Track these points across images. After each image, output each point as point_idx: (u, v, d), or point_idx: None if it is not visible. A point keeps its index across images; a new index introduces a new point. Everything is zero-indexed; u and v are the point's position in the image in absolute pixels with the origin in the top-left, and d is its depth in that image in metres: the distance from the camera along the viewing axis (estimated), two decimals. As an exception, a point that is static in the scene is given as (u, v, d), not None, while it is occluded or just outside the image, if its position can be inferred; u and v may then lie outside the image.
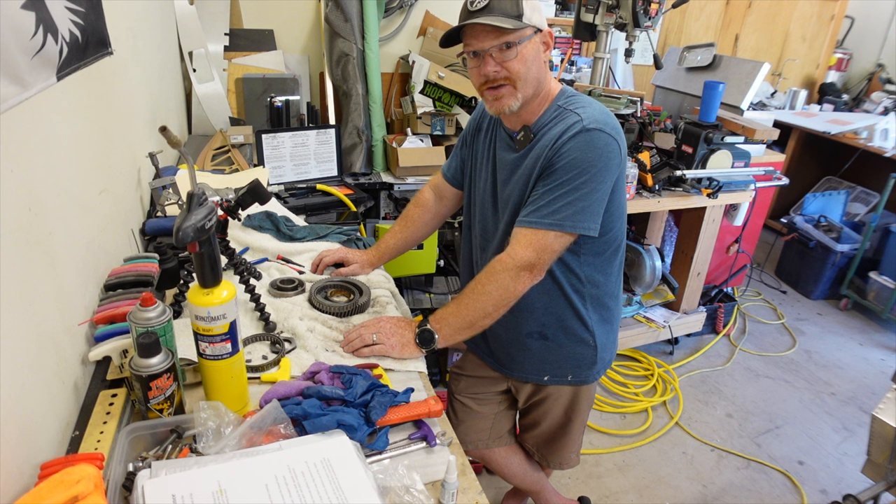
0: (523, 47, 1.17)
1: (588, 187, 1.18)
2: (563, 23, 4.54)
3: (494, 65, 1.18)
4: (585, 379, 1.46)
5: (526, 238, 1.21)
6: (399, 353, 1.22)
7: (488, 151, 1.39)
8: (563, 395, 1.50)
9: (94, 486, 0.73)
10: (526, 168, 1.26)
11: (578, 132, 1.17)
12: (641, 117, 2.73)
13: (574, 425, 1.57)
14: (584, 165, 1.17)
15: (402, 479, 0.88)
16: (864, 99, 4.76)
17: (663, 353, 3.11)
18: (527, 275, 1.22)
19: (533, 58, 1.19)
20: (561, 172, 1.19)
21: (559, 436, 1.60)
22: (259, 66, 2.78)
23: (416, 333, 1.23)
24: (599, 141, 1.17)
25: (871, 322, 3.58)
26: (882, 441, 1.81)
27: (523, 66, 1.18)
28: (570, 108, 1.23)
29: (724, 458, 2.48)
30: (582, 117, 1.19)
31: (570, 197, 1.18)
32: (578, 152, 1.17)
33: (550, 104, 1.27)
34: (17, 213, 0.82)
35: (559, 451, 1.64)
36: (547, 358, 1.43)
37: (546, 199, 1.20)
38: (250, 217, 1.68)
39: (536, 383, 1.49)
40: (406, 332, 1.24)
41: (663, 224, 3.19)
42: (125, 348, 1.02)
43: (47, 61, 0.93)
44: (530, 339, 1.41)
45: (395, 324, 1.25)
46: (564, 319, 1.38)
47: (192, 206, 0.90)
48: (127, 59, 1.55)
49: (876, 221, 3.42)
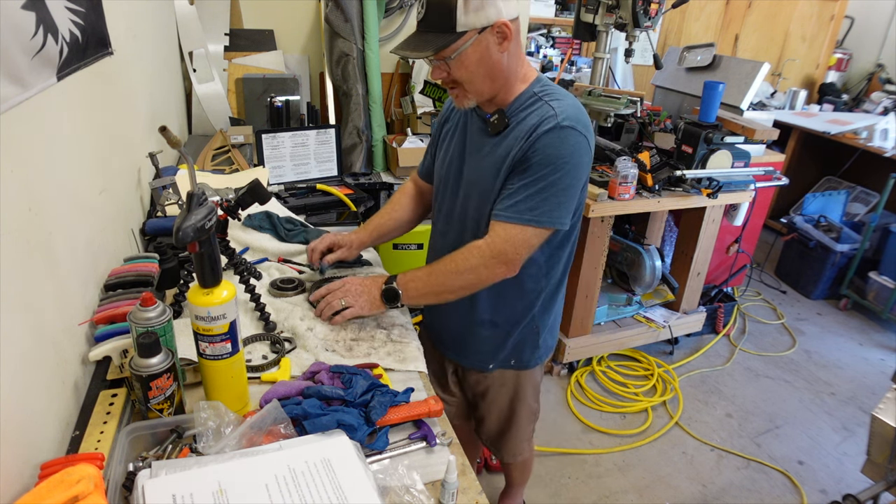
0: (463, 55, 1.16)
1: (563, 182, 1.21)
2: (563, 23, 4.55)
3: (440, 72, 1.21)
4: (528, 364, 1.51)
5: (505, 232, 1.23)
6: (368, 311, 1.30)
7: (458, 134, 1.41)
8: (506, 382, 1.54)
9: (95, 486, 0.73)
10: (498, 155, 1.27)
11: (552, 128, 1.19)
12: (641, 117, 2.73)
13: (521, 413, 1.61)
14: (559, 161, 1.20)
15: (402, 479, 0.88)
16: (863, 99, 4.77)
17: (663, 353, 3.11)
18: (502, 268, 1.25)
19: (479, 60, 1.18)
20: (537, 167, 1.21)
21: (507, 427, 1.64)
22: (259, 66, 2.78)
23: (382, 291, 1.29)
24: (572, 138, 1.20)
25: (871, 322, 3.58)
26: (882, 441, 1.81)
27: (466, 72, 1.19)
28: (545, 99, 1.24)
29: (723, 458, 2.48)
30: (556, 112, 1.20)
31: (547, 192, 1.21)
32: (552, 149, 1.19)
33: (526, 89, 1.27)
34: (17, 213, 0.82)
35: (510, 442, 1.68)
36: (494, 345, 1.47)
37: (523, 193, 1.22)
38: (251, 217, 1.68)
39: (481, 370, 1.53)
40: (373, 289, 1.30)
41: (663, 224, 3.19)
42: (125, 348, 1.02)
43: (47, 61, 0.93)
44: (482, 327, 1.45)
45: (360, 283, 1.31)
46: (515, 307, 1.42)
47: (192, 206, 0.90)
48: (127, 59, 1.55)
49: (876, 221, 3.43)
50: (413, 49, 1.18)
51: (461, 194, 1.38)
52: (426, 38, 1.17)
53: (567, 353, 2.78)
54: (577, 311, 2.70)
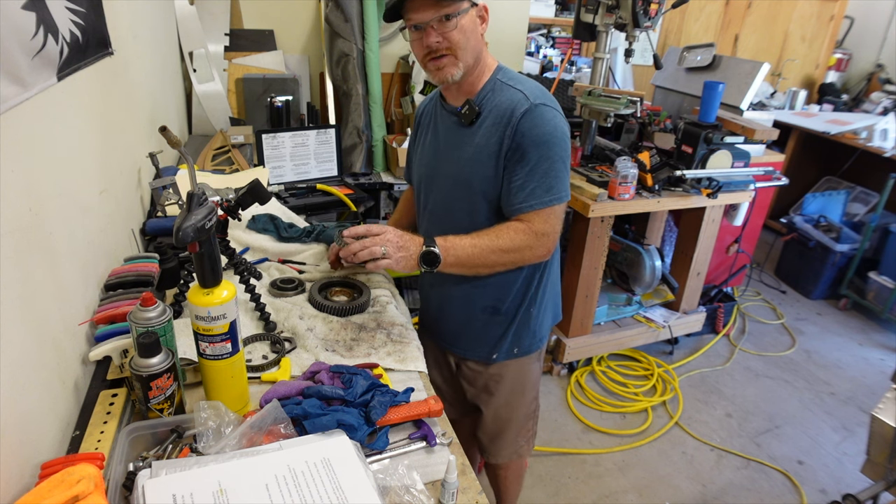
0: (461, 18, 1.23)
1: (559, 155, 1.29)
2: (563, 23, 4.55)
3: (436, 35, 1.24)
4: (528, 349, 1.53)
5: (539, 217, 1.29)
6: (402, 268, 1.28)
7: (429, 136, 1.45)
8: (505, 375, 1.55)
9: (95, 485, 0.73)
10: (482, 145, 1.31)
11: (528, 109, 1.26)
12: (641, 117, 2.73)
13: (519, 408, 1.62)
14: (549, 138, 1.27)
15: (402, 479, 0.88)
16: (863, 99, 4.77)
17: (663, 353, 3.11)
18: (544, 249, 1.32)
19: (471, 29, 1.25)
20: (532, 151, 1.27)
21: (505, 423, 1.64)
22: (259, 66, 2.78)
23: (422, 253, 1.27)
24: (548, 114, 1.27)
25: (871, 322, 3.58)
26: (881, 441, 1.81)
27: (463, 36, 1.24)
28: (510, 84, 1.31)
29: (723, 457, 2.48)
30: (526, 94, 1.27)
31: (553, 170, 1.28)
32: (538, 128, 1.26)
33: (490, 77, 1.34)
34: (17, 213, 0.82)
35: (507, 439, 1.67)
36: (497, 333, 1.49)
37: (534, 180, 1.28)
38: (254, 219, 1.68)
39: (484, 362, 1.54)
40: (412, 247, 1.27)
41: (663, 224, 3.19)
42: (125, 348, 1.02)
43: (48, 62, 0.93)
44: (483, 314, 1.47)
45: (400, 237, 1.27)
46: (515, 291, 1.44)
47: (192, 206, 0.90)
48: (127, 59, 1.55)
49: (875, 221, 3.43)
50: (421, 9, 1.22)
51: (444, 191, 1.42)
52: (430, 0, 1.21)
53: (567, 353, 2.78)
54: (577, 311, 2.70)
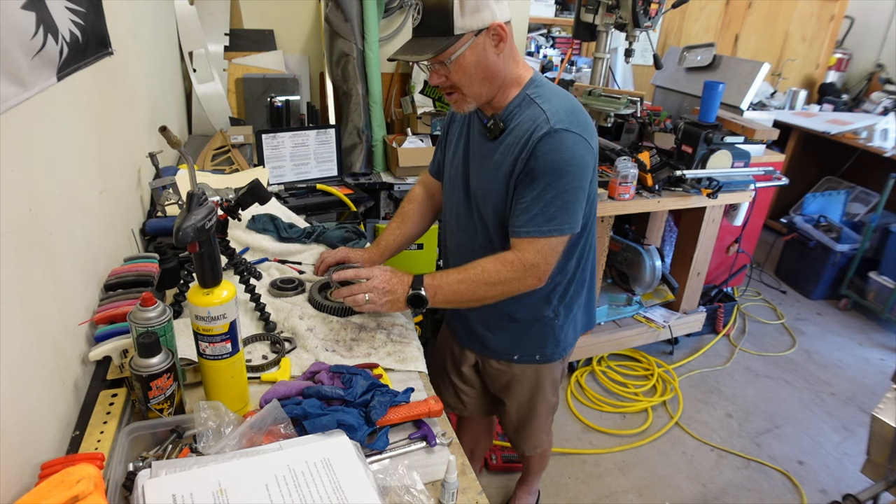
0: (461, 58, 1.17)
1: (571, 186, 1.22)
2: (563, 23, 4.55)
3: (438, 77, 1.22)
4: (551, 357, 1.53)
5: (532, 246, 1.25)
6: (387, 310, 1.29)
7: (462, 137, 1.42)
8: (527, 376, 1.56)
9: (95, 485, 0.73)
10: (499, 161, 1.29)
11: (546, 133, 1.19)
12: (641, 117, 2.73)
13: (540, 406, 1.64)
14: (562, 165, 1.20)
15: (402, 479, 0.88)
16: (863, 99, 4.77)
17: (663, 353, 3.11)
18: (534, 280, 1.28)
19: (476, 63, 1.19)
20: (542, 177, 1.21)
21: (527, 420, 1.67)
22: (259, 66, 2.78)
23: (408, 297, 1.26)
24: (568, 140, 1.19)
25: (871, 322, 3.58)
26: (882, 441, 1.81)
27: (464, 75, 1.20)
28: (536, 101, 1.24)
29: (723, 457, 2.48)
30: (548, 116, 1.20)
31: (560, 200, 1.22)
32: (552, 154, 1.19)
33: (519, 92, 1.28)
34: (17, 213, 0.82)
35: (531, 434, 1.71)
36: (513, 339, 1.50)
37: (538, 206, 1.23)
38: (254, 219, 1.68)
39: (506, 360, 1.54)
40: (399, 291, 1.26)
41: (663, 224, 3.19)
42: (125, 348, 1.02)
43: (48, 61, 0.93)
44: (500, 321, 1.48)
45: (387, 281, 1.27)
46: (532, 303, 1.43)
47: (192, 206, 0.90)
48: (127, 59, 1.55)
49: (876, 221, 3.43)
50: (412, 53, 1.18)
51: (471, 199, 1.40)
52: (424, 42, 1.17)
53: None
54: (577, 311, 2.70)
